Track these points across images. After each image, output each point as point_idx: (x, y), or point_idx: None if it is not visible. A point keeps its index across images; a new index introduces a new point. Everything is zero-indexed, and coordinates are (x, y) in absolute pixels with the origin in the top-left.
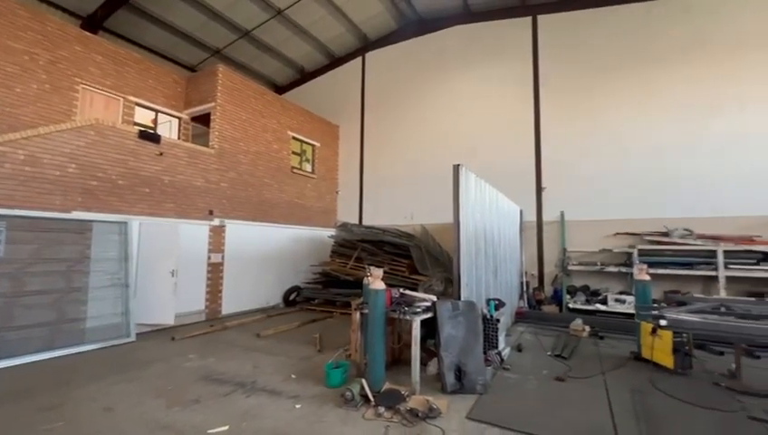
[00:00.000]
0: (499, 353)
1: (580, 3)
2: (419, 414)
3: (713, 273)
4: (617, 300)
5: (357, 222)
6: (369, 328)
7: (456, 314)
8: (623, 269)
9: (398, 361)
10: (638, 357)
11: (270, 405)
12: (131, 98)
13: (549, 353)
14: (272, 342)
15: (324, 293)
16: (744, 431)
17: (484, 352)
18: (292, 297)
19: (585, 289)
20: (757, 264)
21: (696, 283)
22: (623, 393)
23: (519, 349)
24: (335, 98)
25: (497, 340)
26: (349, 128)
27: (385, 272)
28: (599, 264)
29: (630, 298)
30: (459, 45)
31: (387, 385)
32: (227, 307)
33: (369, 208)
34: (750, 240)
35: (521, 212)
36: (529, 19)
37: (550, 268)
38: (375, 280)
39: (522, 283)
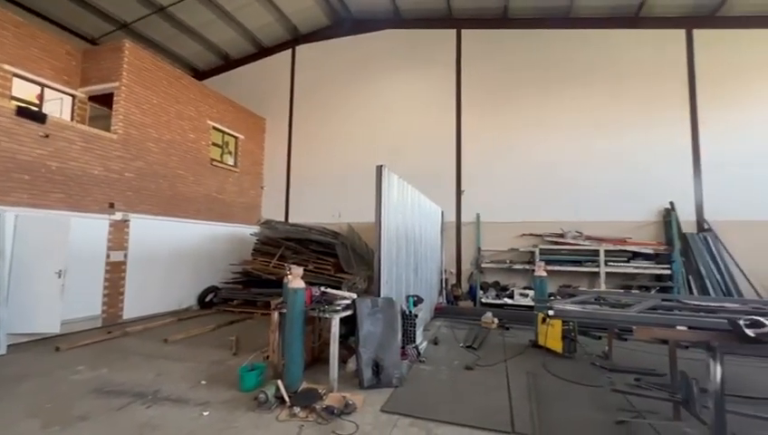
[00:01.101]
0: (416, 347)
1: (500, 23)
2: (335, 411)
3: (596, 269)
4: (521, 294)
5: (282, 219)
6: (286, 328)
7: (375, 311)
8: (527, 266)
9: (317, 359)
10: (535, 344)
11: (174, 415)
12: (6, 66)
13: (461, 345)
14: (181, 347)
15: (244, 293)
16: (608, 401)
17: (402, 347)
18: (208, 298)
19: (496, 285)
20: (628, 261)
21: (584, 278)
22: (521, 377)
23: (435, 342)
24: (263, 89)
25: (415, 334)
26: (276, 122)
27: (310, 271)
28: (508, 262)
29: (532, 292)
30: (389, 49)
31: (304, 385)
32: (130, 311)
33: (296, 206)
34: (624, 241)
35: (442, 213)
36: (454, 32)
37: (467, 266)
38: (295, 279)
39: (441, 280)
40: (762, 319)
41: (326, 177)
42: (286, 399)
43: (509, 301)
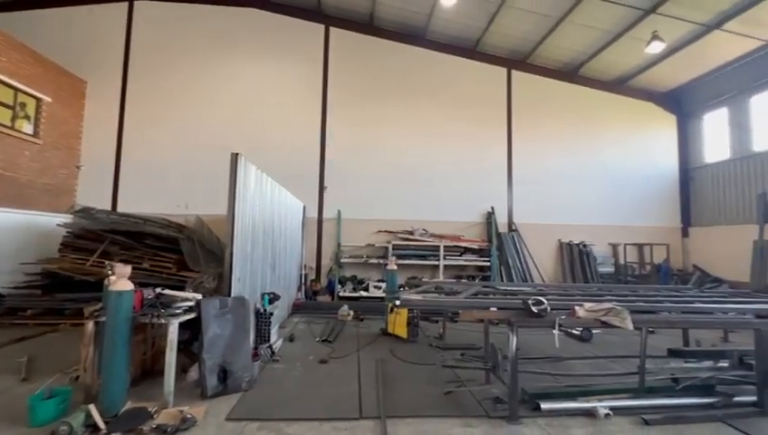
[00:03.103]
0: (270, 347)
1: (368, 29)
2: (168, 430)
3: (437, 262)
4: (375, 287)
5: (108, 208)
6: (106, 339)
7: (224, 312)
8: (381, 261)
9: (150, 373)
10: (385, 332)
11: None
12: None
13: (318, 339)
14: None
15: (46, 300)
16: (440, 376)
17: (255, 348)
18: None
19: (353, 279)
20: (461, 255)
21: (428, 270)
22: (370, 364)
23: (291, 339)
24: (84, 44)
25: (269, 333)
26: (103, 87)
27: (145, 269)
28: (365, 257)
29: (385, 285)
30: (256, 31)
31: (129, 405)
32: None
33: (129, 193)
34: (458, 238)
35: (304, 208)
36: (323, 28)
37: (326, 261)
38: (119, 279)
39: (301, 275)
40: (542, 298)
41: (171, 161)
42: (101, 426)
43: (365, 293)
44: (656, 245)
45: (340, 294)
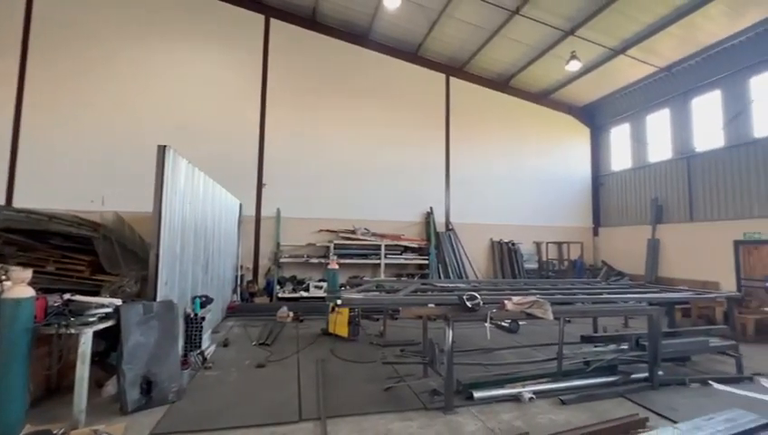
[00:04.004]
0: (202, 353)
1: (309, 24)
2: None
3: (378, 261)
4: (316, 287)
5: (2, 203)
6: None
7: (148, 319)
8: (323, 260)
9: (56, 390)
10: (326, 332)
11: None
12: None
13: (254, 343)
14: None
15: None
16: (380, 373)
17: (185, 355)
18: None
19: (293, 279)
20: (401, 254)
21: (369, 269)
22: (311, 365)
23: (226, 344)
24: None
25: (201, 339)
26: None
27: (50, 273)
28: (305, 256)
29: (326, 284)
30: (191, 15)
31: (27, 429)
32: None
33: (30, 186)
34: (399, 237)
35: (240, 206)
36: (263, 18)
37: (264, 261)
38: (16, 285)
39: (237, 276)
40: (476, 294)
41: (84, 151)
42: None
43: (305, 294)
44: (572, 243)
45: (280, 295)
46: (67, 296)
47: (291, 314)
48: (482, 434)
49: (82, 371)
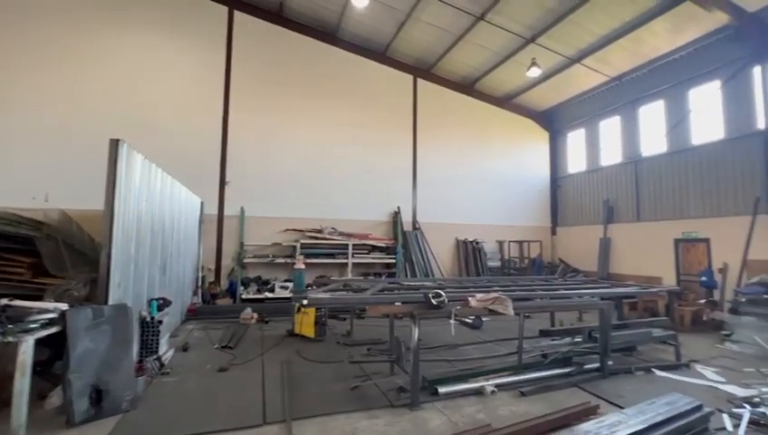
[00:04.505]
0: (159, 358)
1: (276, 18)
2: None
3: (345, 260)
4: (282, 287)
5: None
6: None
7: (98, 324)
8: (289, 260)
9: None
10: (291, 333)
11: None
12: None
13: (216, 346)
14: None
15: None
16: (347, 372)
17: (140, 361)
18: None
19: (258, 280)
20: (369, 253)
21: (336, 268)
22: (275, 367)
23: (185, 348)
24: None
25: (158, 344)
26: None
27: None
28: (270, 256)
29: (292, 284)
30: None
31: None
32: None
33: None
34: (366, 236)
35: (202, 204)
36: (226, 10)
37: (227, 262)
38: None
39: (197, 277)
40: (441, 292)
41: (25, 142)
42: None
43: (270, 295)
44: (532, 242)
45: (243, 296)
46: (4, 302)
47: (255, 315)
48: (446, 428)
49: (22, 383)
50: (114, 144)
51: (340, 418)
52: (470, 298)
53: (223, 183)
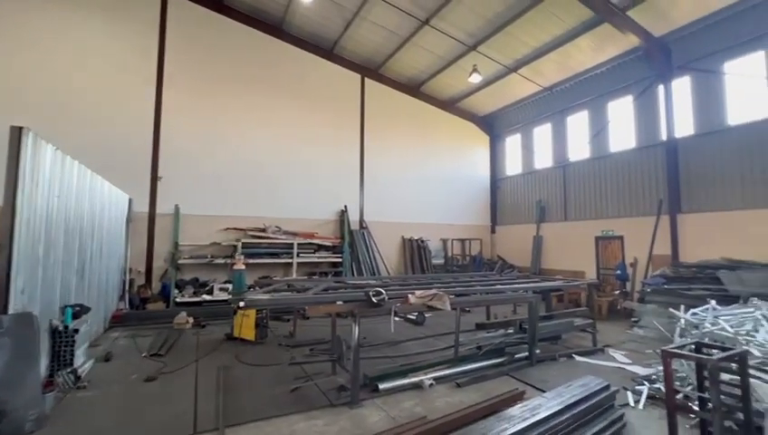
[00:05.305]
0: (74, 371)
1: (216, 5)
2: None
3: (290, 260)
4: (221, 289)
5: None
6: None
7: None
8: (229, 260)
9: None
10: (231, 337)
11: None
12: None
13: (144, 354)
14: None
15: None
16: (288, 374)
17: (50, 375)
18: None
19: (195, 282)
20: (314, 252)
21: (281, 268)
22: (211, 373)
23: (108, 358)
24: None
25: (73, 355)
26: None
27: None
28: (209, 256)
29: (231, 286)
30: None
31: None
32: None
33: None
34: (312, 235)
35: (130, 201)
36: None
37: (160, 263)
38: None
39: (124, 281)
40: (382, 289)
41: None
42: None
43: (208, 297)
44: (473, 240)
45: (178, 299)
46: None
47: (191, 319)
48: (384, 423)
49: None
50: (16, 133)
51: (277, 421)
52: (410, 295)
53: (155, 178)
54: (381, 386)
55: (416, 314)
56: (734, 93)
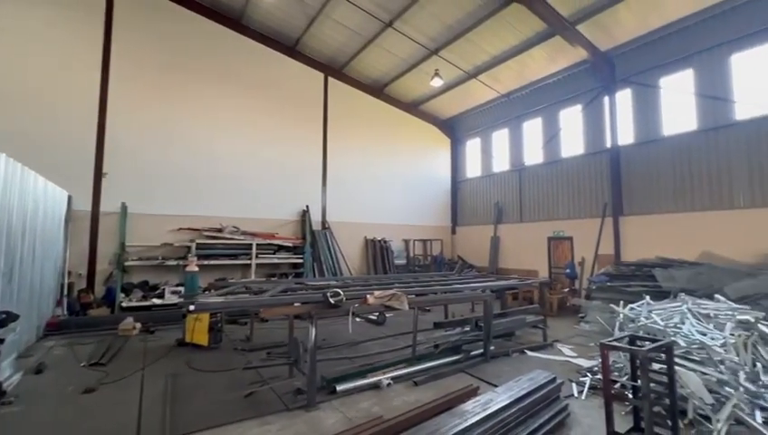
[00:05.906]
0: None
1: None
2: None
3: (249, 261)
4: (173, 292)
5: None
6: None
7: None
8: (182, 262)
9: None
10: (182, 343)
11: None
12: None
13: (83, 364)
14: None
15: None
16: (243, 379)
17: None
18: None
19: (144, 285)
20: (275, 253)
21: (239, 270)
22: (158, 382)
23: (40, 370)
24: None
25: None
26: None
27: None
28: (160, 258)
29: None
30: None
31: None
32: None
33: None
34: (272, 236)
35: (70, 198)
36: None
37: (104, 266)
38: None
39: (62, 285)
40: (339, 290)
41: None
42: None
43: (158, 301)
44: (434, 240)
45: (124, 304)
46: None
47: (138, 325)
48: (341, 425)
49: None
50: None
51: (229, 428)
52: (368, 296)
53: (99, 175)
54: (339, 387)
55: (376, 314)
56: (668, 106)
